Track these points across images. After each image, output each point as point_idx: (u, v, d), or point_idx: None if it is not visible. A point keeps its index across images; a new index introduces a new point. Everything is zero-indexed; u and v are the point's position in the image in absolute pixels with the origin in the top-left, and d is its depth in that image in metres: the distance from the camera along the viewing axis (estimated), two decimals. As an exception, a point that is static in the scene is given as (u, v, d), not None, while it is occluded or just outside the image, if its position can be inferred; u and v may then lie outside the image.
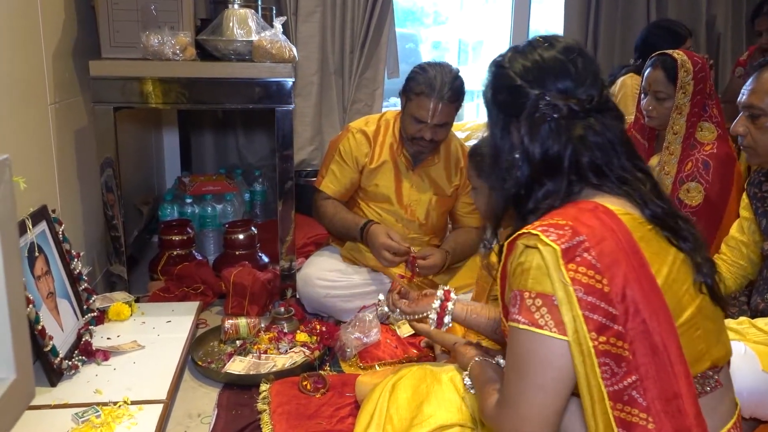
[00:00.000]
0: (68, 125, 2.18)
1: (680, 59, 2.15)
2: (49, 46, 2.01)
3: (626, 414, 1.03)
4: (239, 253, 2.65)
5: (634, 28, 3.59)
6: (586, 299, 1.02)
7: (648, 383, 1.03)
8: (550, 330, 1.03)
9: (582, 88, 1.16)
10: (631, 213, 1.12)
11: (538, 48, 1.19)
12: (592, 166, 1.14)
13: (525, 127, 1.15)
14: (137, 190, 3.05)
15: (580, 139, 1.13)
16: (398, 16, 3.56)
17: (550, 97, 1.14)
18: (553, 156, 1.14)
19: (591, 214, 1.09)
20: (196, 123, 3.49)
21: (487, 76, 1.26)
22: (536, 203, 1.16)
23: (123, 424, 1.57)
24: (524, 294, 1.07)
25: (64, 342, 1.81)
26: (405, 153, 2.37)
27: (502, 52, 1.25)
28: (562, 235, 1.05)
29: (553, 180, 1.15)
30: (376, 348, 2.08)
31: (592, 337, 1.01)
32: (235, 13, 2.30)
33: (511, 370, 1.11)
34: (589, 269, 1.03)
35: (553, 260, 1.04)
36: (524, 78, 1.17)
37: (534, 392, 1.06)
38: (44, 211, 1.88)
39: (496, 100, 1.22)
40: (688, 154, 2.16)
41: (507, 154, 1.20)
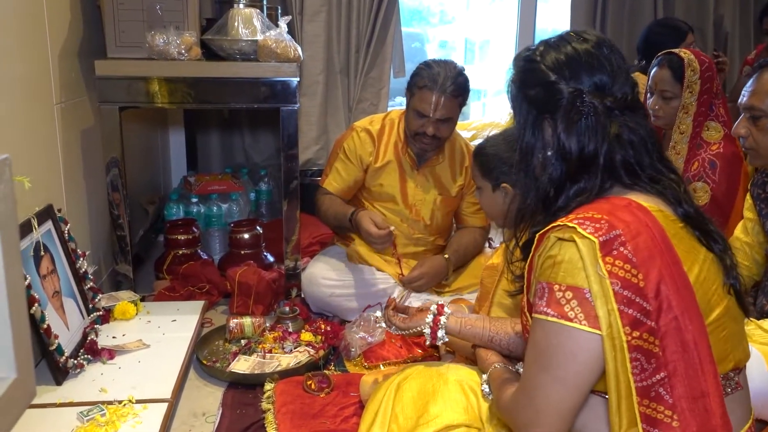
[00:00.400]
0: (74, 125, 2.19)
1: (687, 58, 2.14)
2: (54, 46, 2.02)
3: (652, 410, 1.02)
4: (244, 252, 2.65)
5: (641, 27, 3.56)
6: (623, 293, 1.01)
7: (675, 380, 1.02)
8: (579, 323, 1.02)
9: (617, 85, 1.15)
10: (664, 210, 1.12)
11: (572, 42, 1.17)
12: (626, 164, 1.14)
13: (561, 124, 1.14)
14: (143, 190, 3.06)
15: (616, 137, 1.13)
16: (404, 16, 3.55)
17: (587, 94, 1.13)
18: (590, 153, 1.13)
19: (625, 209, 1.08)
20: (201, 122, 3.50)
21: (514, 71, 1.24)
22: (567, 201, 1.15)
23: (128, 423, 1.58)
24: (554, 286, 1.05)
25: (70, 341, 1.82)
26: (410, 152, 2.37)
27: (531, 47, 1.22)
28: (599, 228, 1.04)
29: (587, 177, 1.14)
30: (381, 348, 2.08)
31: (626, 332, 1.00)
32: (240, 12, 2.30)
33: (532, 362, 1.09)
34: (626, 263, 1.02)
35: (590, 253, 1.02)
36: (558, 73, 1.15)
37: (554, 385, 1.05)
38: (50, 211, 1.89)
39: (526, 96, 1.20)
40: (695, 153, 2.15)
41: (539, 151, 1.18)
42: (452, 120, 2.28)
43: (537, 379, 1.08)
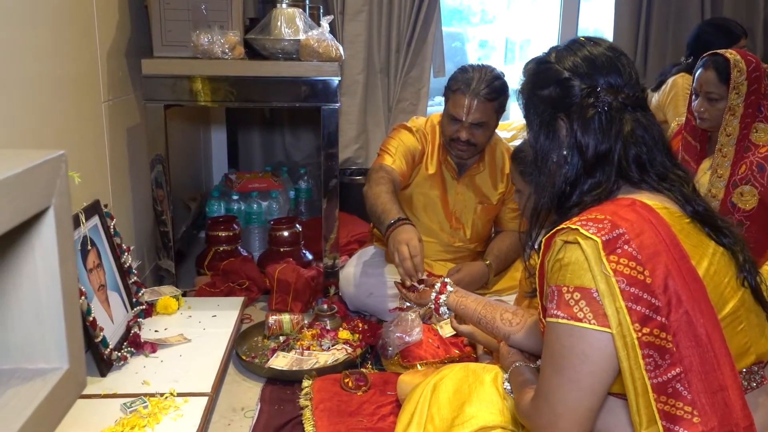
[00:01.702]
0: (121, 122, 2.24)
1: (733, 59, 2.09)
2: (103, 46, 2.07)
3: (670, 407, 1.02)
4: (284, 249, 2.68)
5: (687, 26, 3.49)
6: (629, 290, 1.02)
7: (692, 376, 1.02)
8: (589, 323, 1.03)
9: (629, 85, 1.18)
10: (669, 207, 1.13)
11: (586, 45, 1.21)
12: (637, 159, 1.16)
13: (577, 120, 1.16)
14: (185, 187, 3.11)
15: (630, 133, 1.15)
16: (445, 15, 3.55)
17: (601, 90, 1.16)
18: (605, 148, 1.15)
19: (629, 208, 1.10)
20: (243, 121, 3.54)
21: (525, 77, 1.28)
22: (581, 196, 1.17)
23: (169, 415, 1.61)
24: (562, 289, 1.07)
25: (114, 333, 1.86)
26: (450, 161, 2.34)
27: (542, 53, 1.27)
28: (601, 228, 1.05)
29: (601, 172, 1.16)
30: (418, 347, 2.07)
31: (635, 329, 1.01)
32: (283, 12, 2.32)
33: (547, 365, 1.11)
34: (631, 261, 1.03)
35: (594, 253, 1.04)
36: (573, 72, 1.18)
37: (569, 387, 1.06)
38: (97, 206, 1.93)
39: (539, 97, 1.23)
40: (742, 156, 2.10)
41: (555, 152, 1.20)
42: (487, 125, 2.21)
43: (552, 382, 1.09)
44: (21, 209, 0.69)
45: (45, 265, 0.75)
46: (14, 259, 0.77)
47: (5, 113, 1.49)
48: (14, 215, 0.68)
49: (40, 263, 0.75)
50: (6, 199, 0.66)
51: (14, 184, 0.68)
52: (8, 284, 0.77)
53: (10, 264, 0.77)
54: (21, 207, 0.69)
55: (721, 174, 2.11)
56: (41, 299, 0.76)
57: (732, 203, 2.07)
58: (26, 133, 1.59)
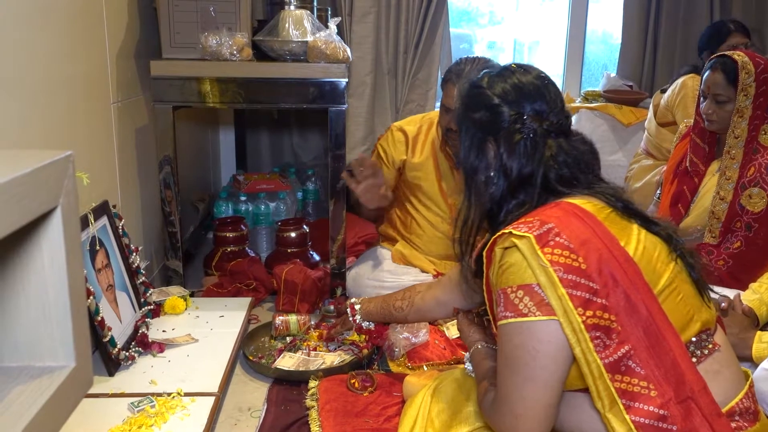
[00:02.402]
0: (129, 123, 2.26)
1: (741, 60, 2.08)
2: (112, 47, 2.08)
3: (626, 384, 1.06)
4: (291, 250, 2.68)
5: (696, 27, 3.48)
6: (567, 278, 1.07)
7: (641, 351, 1.07)
8: (534, 315, 1.09)
9: (554, 112, 1.26)
10: (591, 201, 1.20)
11: (516, 73, 1.29)
12: (560, 180, 1.24)
13: (504, 144, 1.25)
14: (194, 187, 3.13)
15: (551, 157, 1.23)
16: (453, 16, 3.55)
17: (527, 117, 1.24)
18: (528, 172, 1.23)
19: (554, 208, 1.18)
20: (251, 122, 3.56)
21: (460, 96, 1.36)
22: (507, 214, 1.25)
23: (176, 415, 1.61)
24: (507, 290, 1.13)
25: (122, 333, 1.87)
26: (447, 151, 2.37)
27: (477, 76, 1.35)
28: (532, 226, 1.13)
29: (525, 193, 1.24)
30: (425, 348, 2.07)
31: (579, 313, 1.06)
32: (291, 14, 2.33)
33: (502, 368, 1.15)
34: (564, 250, 1.09)
35: (529, 249, 1.10)
36: (503, 98, 1.26)
37: (525, 385, 1.10)
38: (105, 206, 1.94)
39: (473, 119, 1.30)
40: (751, 158, 2.09)
41: (482, 171, 1.29)
42: None
43: (509, 383, 1.13)
44: (29, 209, 0.70)
45: (52, 264, 0.76)
46: (22, 258, 0.78)
47: (16, 114, 1.51)
48: (22, 215, 0.68)
49: (47, 262, 0.76)
50: (14, 199, 0.67)
51: (22, 184, 0.69)
52: (16, 283, 0.78)
53: (18, 263, 0.78)
54: (29, 207, 0.70)
55: (729, 176, 2.10)
56: (48, 298, 0.77)
57: (740, 205, 2.06)
58: (36, 134, 1.61)
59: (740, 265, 2.05)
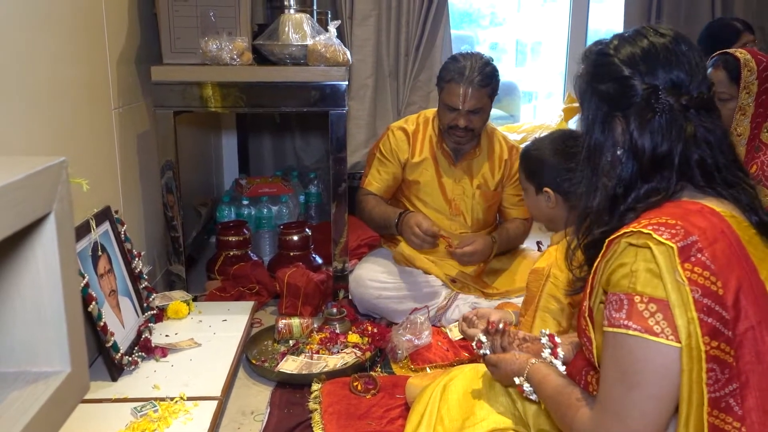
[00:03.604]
0: (131, 129, 2.26)
1: (743, 58, 2.07)
2: (113, 53, 2.09)
3: (720, 421, 0.98)
4: (293, 254, 2.69)
5: (698, 27, 3.44)
6: (703, 301, 0.96)
7: (747, 392, 0.98)
8: (666, 338, 0.97)
9: (694, 83, 1.10)
10: (737, 216, 1.07)
11: (648, 36, 1.12)
12: (701, 164, 1.09)
13: (635, 121, 1.09)
14: (196, 192, 3.13)
15: (692, 136, 1.08)
16: (454, 18, 3.55)
17: (663, 91, 1.08)
18: (663, 152, 1.08)
19: (698, 214, 1.04)
20: (253, 126, 3.56)
21: (585, 64, 1.20)
22: (636, 201, 1.10)
23: (179, 419, 1.62)
24: (634, 298, 0.99)
25: (125, 338, 1.87)
26: (445, 148, 2.37)
27: (603, 40, 1.18)
28: (675, 234, 0.99)
29: (660, 177, 1.09)
30: (427, 350, 2.07)
31: (704, 342, 0.96)
32: (291, 18, 2.34)
33: (616, 380, 1.03)
34: (705, 270, 0.97)
35: (667, 260, 0.97)
36: (633, 68, 1.10)
37: (648, 403, 1.00)
38: (107, 212, 1.95)
39: (597, 91, 1.15)
40: (753, 156, 2.08)
41: (608, 150, 1.14)
42: (483, 110, 2.28)
43: (628, 399, 1.01)
44: (22, 214, 0.70)
45: (47, 269, 0.77)
46: (16, 264, 0.78)
47: (18, 120, 1.52)
48: (16, 220, 0.69)
49: (41, 267, 0.77)
50: (8, 204, 0.67)
51: (16, 190, 0.69)
52: (11, 288, 0.78)
53: (12, 268, 0.78)
54: (22, 212, 0.70)
55: (731, 174, 2.10)
56: (43, 303, 0.78)
57: (743, 203, 2.05)
58: (38, 140, 1.61)
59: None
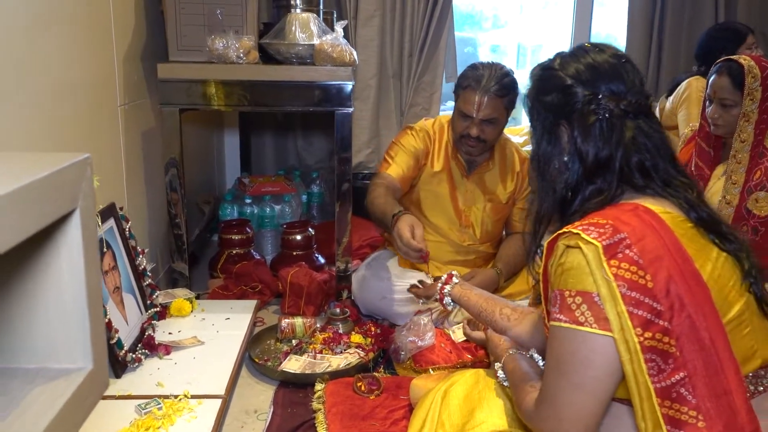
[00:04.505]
0: (136, 126, 2.26)
1: (747, 65, 2.07)
2: (120, 50, 2.09)
3: (675, 411, 1.03)
4: (296, 253, 2.69)
5: (701, 31, 3.47)
6: (630, 295, 1.02)
7: (696, 380, 1.02)
8: (590, 327, 1.04)
9: (632, 92, 1.19)
10: (671, 212, 1.13)
11: (590, 52, 1.23)
12: (640, 166, 1.17)
13: (578, 127, 1.18)
14: (199, 190, 3.13)
15: (632, 140, 1.16)
16: (457, 20, 3.55)
17: (603, 97, 1.17)
18: (605, 156, 1.17)
19: (631, 213, 1.11)
20: (256, 125, 3.56)
21: (532, 80, 1.30)
22: (582, 203, 1.19)
23: (183, 417, 1.62)
24: (564, 293, 1.08)
25: (129, 335, 1.87)
26: (459, 159, 2.36)
27: (548, 59, 1.29)
28: (602, 233, 1.06)
29: (602, 179, 1.18)
30: (431, 352, 2.07)
31: (637, 333, 1.02)
32: (298, 17, 2.34)
33: (551, 369, 1.12)
34: (632, 265, 1.04)
35: (595, 257, 1.05)
36: (576, 79, 1.20)
37: (574, 392, 1.07)
38: (113, 209, 1.95)
39: (543, 103, 1.25)
40: (757, 162, 2.09)
41: (556, 157, 1.23)
42: (498, 121, 2.23)
43: (557, 386, 1.09)
44: (48, 212, 0.70)
45: (70, 266, 0.77)
46: (40, 261, 0.78)
47: (25, 116, 1.51)
48: (41, 218, 0.69)
49: (65, 265, 0.77)
50: (33, 203, 0.67)
51: (41, 188, 0.69)
52: (35, 285, 0.78)
53: (36, 265, 0.78)
54: (48, 210, 0.70)
55: (735, 180, 2.11)
56: (66, 300, 0.78)
57: (747, 209, 2.06)
58: (44, 137, 1.61)
59: (746, 269, 2.05)
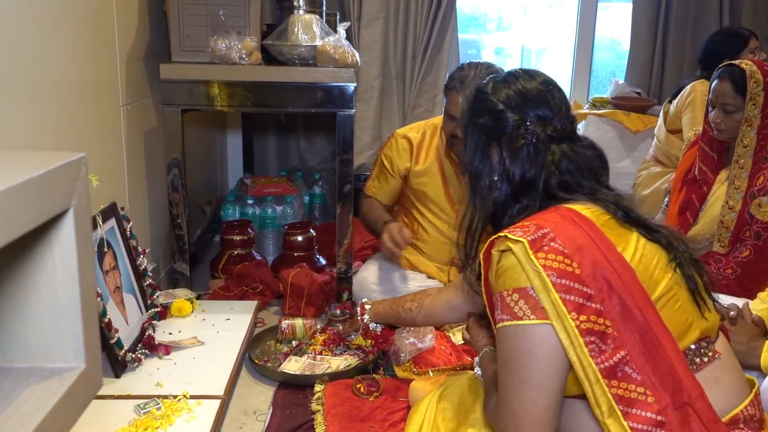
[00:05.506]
0: (138, 126, 2.26)
1: (749, 70, 2.06)
2: (122, 50, 2.09)
3: (623, 390, 1.06)
4: (297, 254, 2.69)
5: (705, 34, 3.46)
6: (560, 282, 1.08)
7: (638, 357, 1.07)
8: (528, 318, 1.09)
9: (557, 117, 1.26)
10: (590, 208, 1.20)
11: (520, 78, 1.30)
12: (562, 185, 1.25)
13: (506, 149, 1.26)
14: (201, 190, 3.13)
15: (554, 163, 1.24)
16: (461, 22, 3.55)
17: (530, 122, 1.25)
18: (531, 177, 1.24)
19: (552, 212, 1.19)
20: (259, 126, 3.56)
21: (467, 101, 1.37)
22: (511, 219, 1.26)
23: (182, 418, 1.62)
24: (503, 293, 1.13)
25: (129, 335, 1.87)
26: (453, 156, 2.37)
27: (482, 82, 1.36)
28: (527, 231, 1.13)
29: (528, 197, 1.25)
30: (431, 354, 2.07)
31: (572, 317, 1.06)
32: (301, 18, 2.34)
33: (501, 370, 1.16)
34: (558, 255, 1.10)
35: (523, 253, 1.11)
36: (506, 104, 1.27)
37: (522, 388, 1.10)
38: (114, 208, 1.95)
39: (477, 125, 1.31)
40: (761, 167, 2.08)
41: (486, 175, 1.30)
42: None
43: (507, 386, 1.13)
44: (42, 210, 0.70)
45: (64, 265, 0.77)
46: (34, 259, 0.78)
47: (28, 115, 1.52)
48: (35, 216, 0.69)
49: (59, 264, 0.77)
50: (28, 200, 0.67)
51: (36, 186, 0.69)
52: (27, 284, 0.78)
53: (29, 264, 0.78)
54: (42, 208, 0.70)
55: (738, 185, 2.10)
56: (59, 299, 0.78)
57: (750, 214, 2.05)
58: (47, 136, 1.62)
59: (749, 273, 2.04)
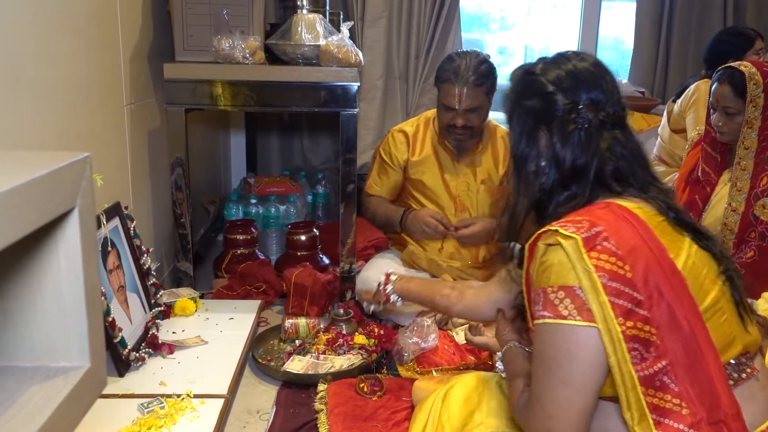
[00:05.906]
0: (142, 126, 2.27)
1: (748, 72, 2.05)
2: (126, 50, 2.09)
3: (659, 400, 1.03)
4: (301, 253, 2.69)
5: (709, 34, 3.45)
6: (611, 285, 1.03)
7: (678, 368, 1.04)
8: (574, 319, 1.05)
9: (610, 102, 1.20)
10: (643, 207, 1.15)
11: (571, 59, 1.24)
12: (616, 174, 1.19)
13: (557, 134, 1.20)
14: (204, 190, 3.14)
15: (608, 149, 1.18)
16: (464, 22, 3.55)
17: (583, 106, 1.19)
18: (582, 164, 1.18)
19: (605, 210, 1.13)
20: (262, 125, 3.57)
21: (512, 83, 1.30)
22: (557, 207, 1.20)
23: (186, 417, 1.62)
24: (547, 290, 1.08)
25: (133, 334, 1.88)
26: (447, 144, 2.38)
27: (530, 62, 1.29)
28: (580, 227, 1.08)
29: (578, 185, 1.19)
30: (434, 353, 2.07)
31: (619, 322, 1.02)
32: (304, 18, 2.34)
33: (537, 367, 1.12)
34: (611, 256, 1.05)
35: (575, 251, 1.06)
36: (557, 86, 1.21)
37: (560, 388, 1.06)
38: (118, 208, 1.95)
39: (524, 107, 1.25)
40: (763, 168, 2.07)
41: (533, 160, 1.24)
42: (481, 108, 2.28)
43: (543, 383, 1.09)
44: (46, 210, 0.70)
45: (68, 264, 0.77)
46: (39, 259, 0.78)
47: (32, 115, 1.52)
48: (40, 216, 0.69)
49: (63, 263, 0.77)
50: (32, 200, 0.68)
51: (40, 186, 0.69)
52: (32, 283, 0.79)
53: (34, 263, 0.79)
54: (46, 208, 0.70)
55: (740, 187, 2.09)
56: (64, 298, 0.78)
57: (754, 216, 2.04)
58: (51, 135, 1.62)
59: (753, 274, 2.03)
